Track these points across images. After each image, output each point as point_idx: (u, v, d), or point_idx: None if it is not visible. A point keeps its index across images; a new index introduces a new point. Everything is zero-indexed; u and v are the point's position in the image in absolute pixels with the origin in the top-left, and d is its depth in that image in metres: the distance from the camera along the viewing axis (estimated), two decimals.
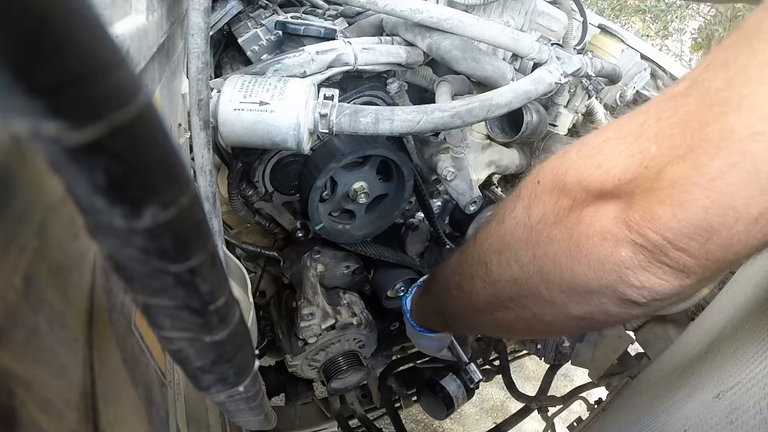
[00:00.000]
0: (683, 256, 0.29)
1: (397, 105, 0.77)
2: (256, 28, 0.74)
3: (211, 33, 0.54)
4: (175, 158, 0.14)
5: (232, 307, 0.19)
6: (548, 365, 1.22)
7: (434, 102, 0.74)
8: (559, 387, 1.75)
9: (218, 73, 0.76)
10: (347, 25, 0.83)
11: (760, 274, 0.53)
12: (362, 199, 0.77)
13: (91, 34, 0.11)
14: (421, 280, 0.70)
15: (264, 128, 0.56)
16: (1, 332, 0.14)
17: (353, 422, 1.16)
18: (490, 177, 0.98)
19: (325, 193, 0.77)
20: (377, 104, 0.78)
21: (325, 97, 0.59)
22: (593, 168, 0.33)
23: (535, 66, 0.77)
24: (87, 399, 0.19)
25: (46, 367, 0.16)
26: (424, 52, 0.74)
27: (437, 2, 0.79)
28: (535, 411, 1.23)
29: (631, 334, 1.08)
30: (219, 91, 0.57)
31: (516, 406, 1.28)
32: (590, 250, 0.33)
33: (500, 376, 1.26)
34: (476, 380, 0.96)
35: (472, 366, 0.93)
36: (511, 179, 1.09)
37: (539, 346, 1.17)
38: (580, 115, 0.99)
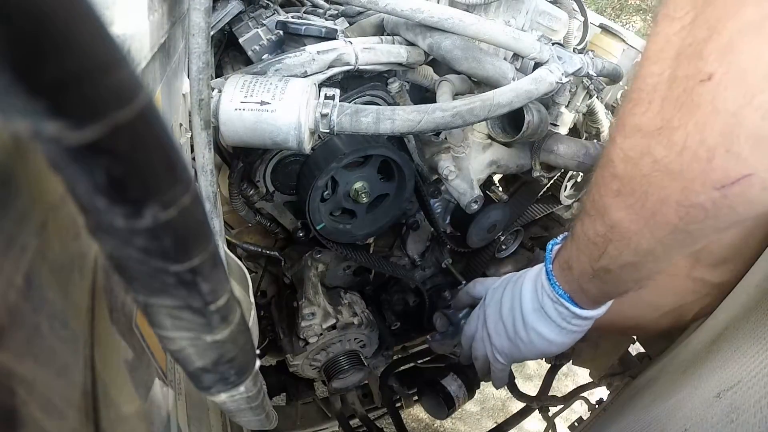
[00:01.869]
0: None
1: (398, 105, 0.77)
2: (257, 27, 0.74)
3: (212, 33, 0.54)
4: (176, 158, 0.14)
5: (233, 306, 0.19)
6: (549, 365, 1.22)
7: (435, 101, 0.74)
8: (561, 387, 1.75)
9: (219, 73, 0.76)
10: (348, 24, 0.82)
11: (761, 273, 0.53)
12: (363, 199, 0.77)
13: (92, 33, 0.11)
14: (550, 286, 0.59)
15: (265, 128, 0.56)
16: (2, 332, 0.14)
17: (354, 422, 1.16)
18: (490, 177, 0.98)
19: (326, 192, 0.77)
20: (378, 104, 0.78)
21: (326, 97, 0.59)
22: None
23: (536, 65, 0.77)
24: (88, 399, 0.19)
25: (47, 367, 0.16)
26: (425, 52, 0.73)
27: (438, 2, 0.79)
28: (537, 411, 1.23)
29: None
30: (220, 91, 0.57)
31: (517, 405, 1.27)
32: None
33: None
34: None
35: None
36: (511, 179, 1.09)
37: None
38: (581, 114, 0.99)
